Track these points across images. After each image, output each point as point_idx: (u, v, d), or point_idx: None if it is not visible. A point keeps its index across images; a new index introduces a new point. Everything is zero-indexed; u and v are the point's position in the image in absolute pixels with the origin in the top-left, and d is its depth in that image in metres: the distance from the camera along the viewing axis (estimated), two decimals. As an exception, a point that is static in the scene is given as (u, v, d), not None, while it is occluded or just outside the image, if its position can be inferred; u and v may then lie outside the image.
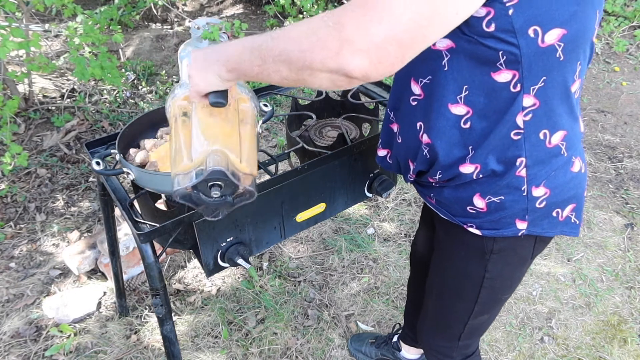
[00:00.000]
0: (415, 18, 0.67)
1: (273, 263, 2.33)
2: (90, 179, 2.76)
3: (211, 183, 0.89)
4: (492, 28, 0.77)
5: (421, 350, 1.81)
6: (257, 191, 0.97)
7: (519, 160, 0.91)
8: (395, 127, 1.07)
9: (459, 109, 0.89)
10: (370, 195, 1.60)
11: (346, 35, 0.67)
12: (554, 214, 0.99)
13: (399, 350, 1.83)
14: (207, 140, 0.93)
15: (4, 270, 2.23)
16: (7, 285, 2.16)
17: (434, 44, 0.83)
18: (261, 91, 1.75)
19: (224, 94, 0.91)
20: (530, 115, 0.87)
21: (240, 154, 0.95)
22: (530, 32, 0.77)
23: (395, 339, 1.86)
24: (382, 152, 1.17)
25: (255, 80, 0.84)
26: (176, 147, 0.96)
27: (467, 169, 0.94)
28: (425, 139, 0.96)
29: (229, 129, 0.96)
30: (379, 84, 1.77)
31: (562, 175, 0.96)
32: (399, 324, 1.83)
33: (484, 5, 0.74)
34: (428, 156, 0.98)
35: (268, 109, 1.54)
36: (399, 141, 1.07)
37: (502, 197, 0.95)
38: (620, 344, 2.00)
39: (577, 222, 1.04)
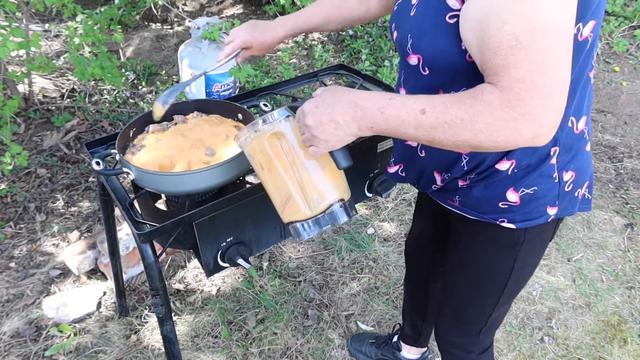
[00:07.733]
0: (569, 69, 0.74)
1: (273, 263, 2.33)
2: (90, 178, 2.76)
3: None
4: None
5: (422, 350, 1.81)
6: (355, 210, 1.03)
7: (552, 149, 0.93)
8: (414, 142, 1.07)
9: None
10: (370, 195, 1.60)
11: (540, 123, 0.74)
12: (576, 194, 1.01)
13: (399, 350, 1.83)
14: (325, 191, 0.97)
15: (4, 270, 2.23)
16: (7, 285, 2.16)
17: (469, 57, 0.83)
18: (261, 91, 1.74)
19: (350, 155, 0.94)
20: None
21: (347, 189, 1.01)
22: (575, 29, 0.78)
23: (395, 339, 1.85)
24: (393, 169, 1.17)
25: None
26: (282, 191, 0.98)
27: (503, 165, 0.95)
28: None
29: (335, 171, 0.99)
30: (379, 84, 1.76)
31: (581, 156, 0.99)
32: (399, 324, 1.82)
33: None
34: (466, 167, 0.98)
35: (268, 109, 1.55)
36: (422, 155, 1.06)
37: (536, 188, 0.96)
38: (620, 344, 2.00)
39: (590, 197, 1.06)
